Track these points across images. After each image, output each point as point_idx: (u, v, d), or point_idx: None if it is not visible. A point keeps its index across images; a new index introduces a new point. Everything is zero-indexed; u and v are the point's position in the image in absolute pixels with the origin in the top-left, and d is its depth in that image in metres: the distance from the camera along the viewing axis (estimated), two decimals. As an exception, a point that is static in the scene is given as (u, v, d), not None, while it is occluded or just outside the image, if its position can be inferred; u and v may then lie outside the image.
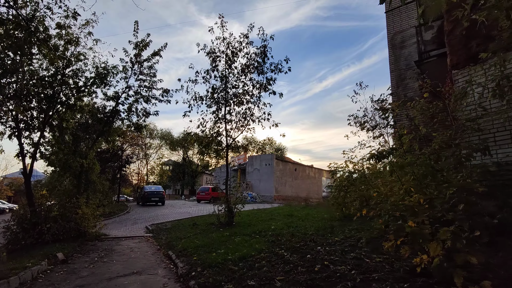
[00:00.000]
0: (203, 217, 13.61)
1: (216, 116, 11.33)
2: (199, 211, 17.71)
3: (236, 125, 10.93)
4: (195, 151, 61.34)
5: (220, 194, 28.88)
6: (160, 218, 14.86)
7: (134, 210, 20.52)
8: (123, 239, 10.28)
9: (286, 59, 10.58)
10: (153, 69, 13.28)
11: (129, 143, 27.61)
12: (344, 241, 5.27)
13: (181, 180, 58.71)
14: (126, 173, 34.60)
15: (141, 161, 45.95)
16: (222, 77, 11.27)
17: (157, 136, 51.56)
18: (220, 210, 10.55)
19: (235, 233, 8.26)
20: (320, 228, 7.34)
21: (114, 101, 12.45)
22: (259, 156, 31.84)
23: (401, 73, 11.33)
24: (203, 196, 26.57)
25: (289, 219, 10.25)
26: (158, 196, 23.20)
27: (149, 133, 43.22)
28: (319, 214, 11.01)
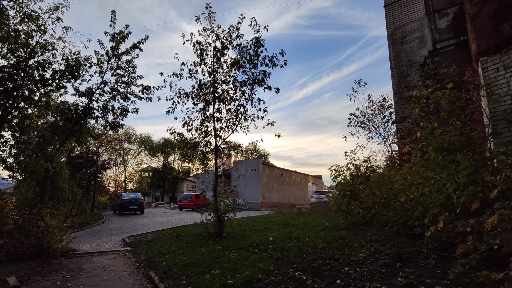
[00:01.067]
0: (187, 227, 12.29)
1: (203, 114, 10.18)
2: (183, 220, 16.32)
3: (227, 124, 9.81)
4: (176, 157, 59.37)
5: (205, 201, 27.46)
6: (139, 229, 13.39)
7: (110, 219, 18.77)
8: (95, 254, 8.86)
9: (281, 52, 9.62)
10: (132, 64, 12.01)
11: (105, 147, 25.67)
12: (373, 258, 4.27)
13: (161, 187, 56.38)
14: (102, 180, 32.43)
15: (118, 167, 43.59)
16: (211, 71, 10.16)
17: (136, 141, 49.27)
18: (209, 220, 9.34)
19: (229, 247, 7.09)
20: (329, 240, 6.32)
21: (87, 98, 11.04)
22: (245, 161, 30.66)
23: (403, 70, 10.66)
24: (186, 203, 25.02)
25: (286, 229, 9.19)
26: (137, 204, 21.48)
27: (127, 137, 41.05)
28: (318, 222, 10.02)
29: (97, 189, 31.91)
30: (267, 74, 9.31)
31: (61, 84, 10.56)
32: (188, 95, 10.31)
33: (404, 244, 4.76)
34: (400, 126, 10.36)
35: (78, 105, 10.88)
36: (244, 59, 9.80)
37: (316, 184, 40.68)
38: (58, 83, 10.56)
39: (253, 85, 9.59)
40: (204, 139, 9.99)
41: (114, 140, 25.72)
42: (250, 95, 9.71)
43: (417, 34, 10.52)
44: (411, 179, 6.09)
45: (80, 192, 22.14)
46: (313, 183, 40.00)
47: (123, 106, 10.94)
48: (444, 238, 3.97)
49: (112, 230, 14.00)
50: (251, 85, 9.62)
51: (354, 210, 8.59)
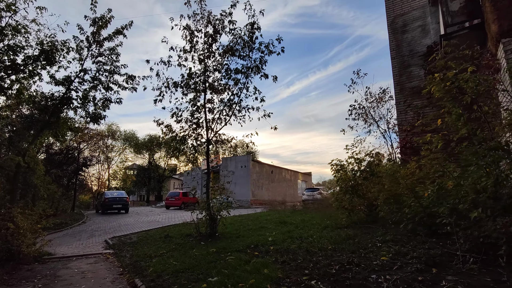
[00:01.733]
0: (176, 226, 11.50)
1: (193, 105, 9.41)
2: (170, 219, 15.47)
3: (219, 115, 9.08)
4: (162, 154, 57.93)
5: (193, 199, 26.54)
6: (123, 229, 12.49)
7: (92, 219, 17.69)
8: (74, 259, 7.99)
9: (278, 39, 8.94)
10: (116, 51, 11.10)
11: (87, 143, 24.28)
12: (400, 262, 3.67)
13: (147, 185, 54.87)
14: (84, 178, 31.02)
15: (102, 165, 41.99)
16: (202, 59, 9.40)
17: (120, 137, 47.63)
18: (200, 219, 8.62)
19: (224, 249, 6.41)
20: (337, 240, 5.72)
21: (64, 86, 10.08)
22: (234, 157, 29.90)
23: (404, 60, 10.20)
24: (173, 201, 24.06)
25: (284, 228, 8.57)
26: (121, 203, 20.40)
27: (111, 134, 39.52)
28: (317, 220, 9.45)
29: (79, 187, 30.50)
30: (263, 61, 8.61)
31: (35, 70, 9.56)
32: (177, 84, 9.51)
33: (428, 245, 4.20)
34: (401, 118, 9.91)
35: (54, 95, 9.90)
36: (238, 46, 9.09)
37: (306, 181, 40.34)
38: (32, 69, 9.56)
39: (248, 73, 8.88)
40: (195, 131, 9.22)
41: (96, 135, 24.42)
42: (244, 84, 9.01)
43: (419, 23, 10.06)
44: (428, 172, 5.55)
45: (59, 190, 20.90)
46: (303, 180, 39.64)
47: (105, 97, 10.02)
48: (482, 238, 3.40)
49: (93, 230, 13.03)
50: (245, 73, 8.91)
51: (356, 207, 8.06)
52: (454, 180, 4.41)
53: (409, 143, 9.02)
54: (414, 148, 9.17)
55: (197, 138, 9.33)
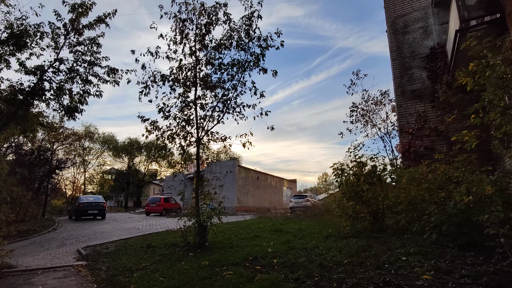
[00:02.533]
0: (159, 234, 10.49)
1: (183, 101, 8.58)
2: (151, 226, 14.34)
3: (212, 112, 8.28)
4: (143, 159, 55.93)
5: (175, 205, 25.25)
6: (99, 237, 11.30)
7: (64, 226, 16.20)
8: (39, 272, 6.88)
9: (277, 32, 8.29)
10: (96, 42, 10.12)
11: (62, 143, 22.55)
12: (449, 281, 3.00)
13: (125, 190, 52.59)
14: (57, 182, 29.06)
15: (77, 168, 39.77)
16: (193, 51, 8.62)
17: (98, 140, 45.47)
18: (187, 226, 7.74)
19: (218, 262, 5.57)
20: (349, 252, 5.03)
21: (35, 76, 8.97)
22: (219, 162, 28.89)
23: (405, 61, 9.82)
24: (154, 208, 22.74)
25: (282, 237, 7.82)
26: (97, 208, 18.93)
27: (88, 135, 37.56)
28: (314, 228, 8.77)
29: (51, 191, 28.52)
30: (263, 53, 7.92)
31: (2, 57, 8.44)
32: (165, 77, 8.66)
33: (470, 260, 3.57)
34: (403, 122, 9.47)
35: (24, 84, 8.77)
36: (234, 38, 8.37)
37: (291, 188, 39.81)
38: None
39: (244, 67, 8.16)
40: (184, 129, 8.36)
41: (72, 135, 22.75)
42: (240, 79, 8.27)
43: (420, 24, 9.75)
44: (449, 176, 4.99)
45: (28, 194, 19.23)
46: (288, 187, 39.08)
47: (83, 89, 8.99)
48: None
49: (65, 238, 11.74)
50: (242, 66, 8.18)
51: (360, 215, 7.43)
52: (493, 184, 3.83)
53: (413, 147, 8.55)
54: (418, 152, 8.72)
55: (186, 137, 8.46)
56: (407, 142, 8.90)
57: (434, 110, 8.96)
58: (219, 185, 8.33)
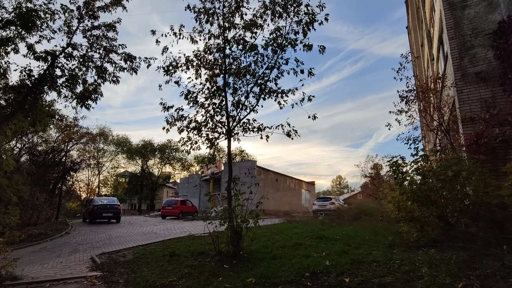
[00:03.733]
0: (181, 240, 9.35)
1: (210, 87, 7.44)
2: (169, 230, 13.25)
3: (246, 98, 7.10)
4: (156, 161, 55.43)
5: (192, 208, 24.16)
6: (114, 243, 10.25)
7: (78, 229, 15.30)
8: (47, 285, 5.86)
9: (320, 5, 7.04)
10: (113, 27, 9.16)
11: (76, 141, 21.72)
12: None
13: (139, 193, 52.09)
14: (71, 183, 28.47)
15: (92, 170, 39.37)
16: (223, 28, 7.48)
17: (112, 142, 45.12)
18: (217, 232, 6.57)
19: (267, 278, 4.35)
20: (449, 270, 3.72)
21: (45, 62, 8.01)
22: (238, 163, 27.70)
23: (465, 40, 8.42)
24: (170, 210, 21.70)
25: (330, 245, 6.54)
26: (112, 211, 18.03)
27: (103, 137, 37.09)
28: (363, 234, 7.45)
29: (65, 193, 27.95)
30: (312, 21, 6.64)
31: (9, 38, 7.51)
32: (190, 61, 7.56)
33: None
34: (465, 109, 8.07)
35: (33, 71, 7.82)
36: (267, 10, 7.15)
37: (309, 191, 38.28)
38: (4, 37, 7.52)
39: (283, 46, 6.93)
40: (213, 119, 7.22)
41: (86, 134, 22.01)
42: (276, 60, 7.02)
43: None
44: None
45: (42, 196, 18.53)
46: (306, 190, 37.56)
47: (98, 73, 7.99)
48: None
49: (78, 244, 10.75)
50: (280, 46, 6.96)
51: (428, 219, 6.09)
52: None
53: (484, 138, 7.15)
54: (489, 145, 7.30)
55: (214, 129, 7.31)
56: (472, 133, 7.49)
57: (505, 94, 7.55)
58: (254, 183, 7.09)
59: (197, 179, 34.04)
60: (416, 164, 6.57)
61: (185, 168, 56.44)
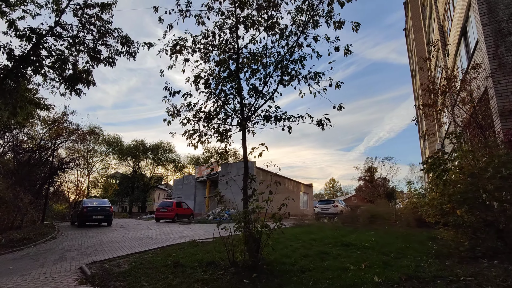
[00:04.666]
0: (182, 247, 8.32)
1: (222, 71, 6.48)
2: (167, 235, 12.17)
3: (265, 83, 6.16)
4: (149, 162, 53.95)
5: (188, 211, 23.00)
6: (107, 249, 9.15)
7: (65, 233, 14.06)
8: (25, 305, 4.76)
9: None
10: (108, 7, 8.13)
11: (66, 138, 20.23)
12: None
13: (130, 195, 50.47)
14: (60, 184, 27.00)
15: (81, 171, 37.78)
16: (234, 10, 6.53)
17: (103, 142, 43.57)
18: (231, 238, 5.60)
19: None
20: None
21: (29, 42, 6.93)
22: (236, 164, 26.61)
23: (502, 26, 7.68)
24: (165, 213, 20.52)
25: (364, 254, 5.62)
26: (103, 213, 16.79)
27: (94, 136, 35.60)
28: (393, 241, 6.56)
29: (53, 195, 26.48)
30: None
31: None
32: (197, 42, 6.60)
33: None
34: (502, 102, 7.30)
35: (14, 50, 6.73)
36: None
37: (307, 194, 37.42)
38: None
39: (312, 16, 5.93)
40: (225, 106, 6.26)
41: (76, 131, 20.61)
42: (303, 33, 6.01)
43: (520, -21, 7.63)
44: None
45: (26, 197, 17.22)
46: (304, 192, 36.70)
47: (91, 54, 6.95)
48: None
49: (65, 250, 9.60)
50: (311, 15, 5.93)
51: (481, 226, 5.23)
52: None
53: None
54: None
55: (226, 119, 6.36)
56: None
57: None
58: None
59: (192, 181, 32.83)
60: (461, 160, 5.73)
61: (178, 170, 55.10)
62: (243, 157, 6.15)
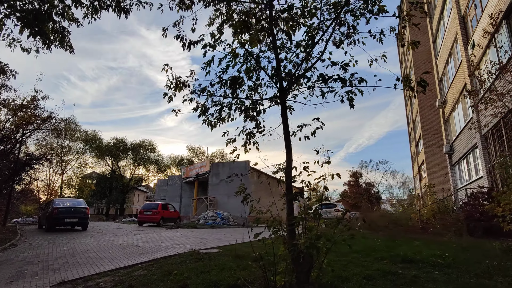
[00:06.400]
0: (183, 259, 6.47)
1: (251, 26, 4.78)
2: (156, 242, 10.22)
3: (312, 36, 4.50)
4: (129, 162, 50.93)
5: (174, 213, 20.84)
6: (81, 262, 7.14)
7: (29, 239, 11.72)
8: None
9: None
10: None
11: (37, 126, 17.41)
12: None
13: (107, 196, 47.24)
14: (28, 182, 24.12)
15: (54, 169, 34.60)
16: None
17: (79, 138, 40.41)
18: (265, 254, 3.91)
19: None
20: None
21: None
22: (228, 163, 24.66)
23: None
24: (149, 216, 18.31)
25: (443, 274, 4.04)
26: (78, 215, 14.44)
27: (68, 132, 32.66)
28: (454, 254, 5.05)
29: (20, 194, 23.61)
30: None
31: None
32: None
33: None
34: None
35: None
36: None
37: (299, 197, 35.82)
38: None
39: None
40: (257, 70, 4.55)
41: (48, 119, 17.86)
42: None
43: None
44: None
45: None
46: (296, 196, 35.00)
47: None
48: None
49: (26, 262, 7.49)
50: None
51: None
52: None
53: None
54: None
55: (257, 88, 4.66)
56: None
57: None
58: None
59: (177, 181, 30.56)
60: None
61: (160, 170, 52.35)
62: (285, 138, 4.45)
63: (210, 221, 19.19)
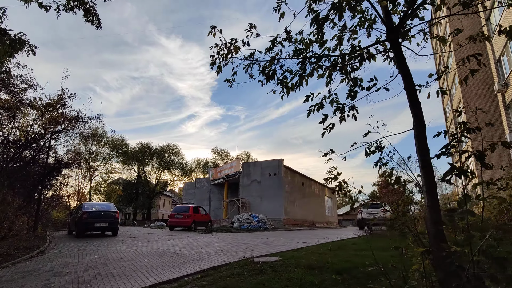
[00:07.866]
0: (238, 271, 5.19)
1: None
2: (194, 248, 9.03)
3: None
4: (154, 166, 50.91)
5: (206, 217, 19.70)
6: (115, 273, 6.02)
7: (59, 246, 10.90)
8: None
9: None
10: None
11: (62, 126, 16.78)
12: None
13: (134, 201, 47.25)
14: (59, 187, 23.93)
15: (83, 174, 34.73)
16: None
17: (106, 144, 40.62)
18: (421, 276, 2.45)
19: None
20: None
21: None
22: (260, 162, 23.30)
23: None
24: (180, 220, 17.30)
25: None
26: (107, 220, 13.63)
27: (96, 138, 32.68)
28: None
29: (50, 199, 23.42)
30: None
31: None
32: None
33: None
34: None
35: None
36: None
37: (331, 198, 34.07)
38: None
39: None
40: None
41: (76, 119, 17.20)
42: None
43: None
44: None
45: (15, 201, 14.24)
46: (329, 197, 33.35)
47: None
48: None
49: (54, 273, 6.48)
50: None
51: None
52: None
53: None
54: None
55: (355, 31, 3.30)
56: None
57: None
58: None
59: (205, 184, 29.62)
60: None
61: (185, 175, 51.97)
62: (407, 93, 3.04)
63: (245, 224, 17.90)
